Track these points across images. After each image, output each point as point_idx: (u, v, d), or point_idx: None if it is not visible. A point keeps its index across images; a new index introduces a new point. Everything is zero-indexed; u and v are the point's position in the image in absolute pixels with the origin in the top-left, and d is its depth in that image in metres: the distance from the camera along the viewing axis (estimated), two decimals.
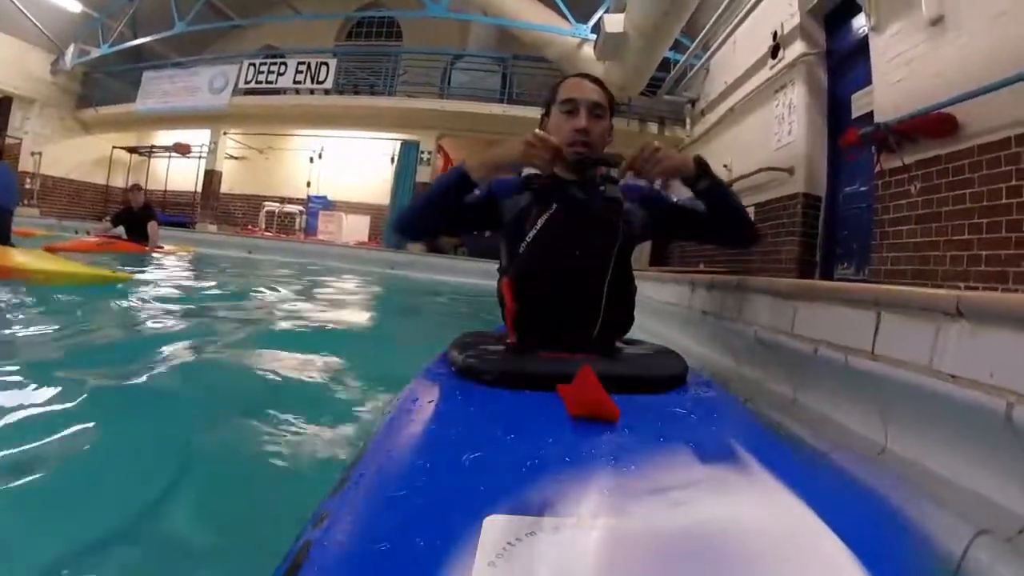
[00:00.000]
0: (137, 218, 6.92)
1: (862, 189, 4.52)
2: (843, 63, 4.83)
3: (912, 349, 1.32)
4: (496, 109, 10.42)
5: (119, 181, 14.35)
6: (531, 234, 1.41)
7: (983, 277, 2.94)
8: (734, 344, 2.15)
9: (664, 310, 2.84)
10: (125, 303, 3.37)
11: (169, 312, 3.27)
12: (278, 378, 2.13)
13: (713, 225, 1.56)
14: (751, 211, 5.55)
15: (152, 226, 7.05)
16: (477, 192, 1.48)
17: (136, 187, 7.26)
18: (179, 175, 13.95)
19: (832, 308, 1.56)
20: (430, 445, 0.86)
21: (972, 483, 1.19)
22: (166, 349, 2.30)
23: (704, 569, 0.53)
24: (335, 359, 2.42)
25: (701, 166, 1.48)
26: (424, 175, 11.20)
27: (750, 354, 2.01)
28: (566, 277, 1.40)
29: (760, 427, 1.08)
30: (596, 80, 1.53)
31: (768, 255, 5.43)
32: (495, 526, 0.57)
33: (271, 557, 0.64)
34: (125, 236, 6.85)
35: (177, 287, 4.57)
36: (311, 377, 2.20)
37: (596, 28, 8.40)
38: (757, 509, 0.65)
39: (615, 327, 1.48)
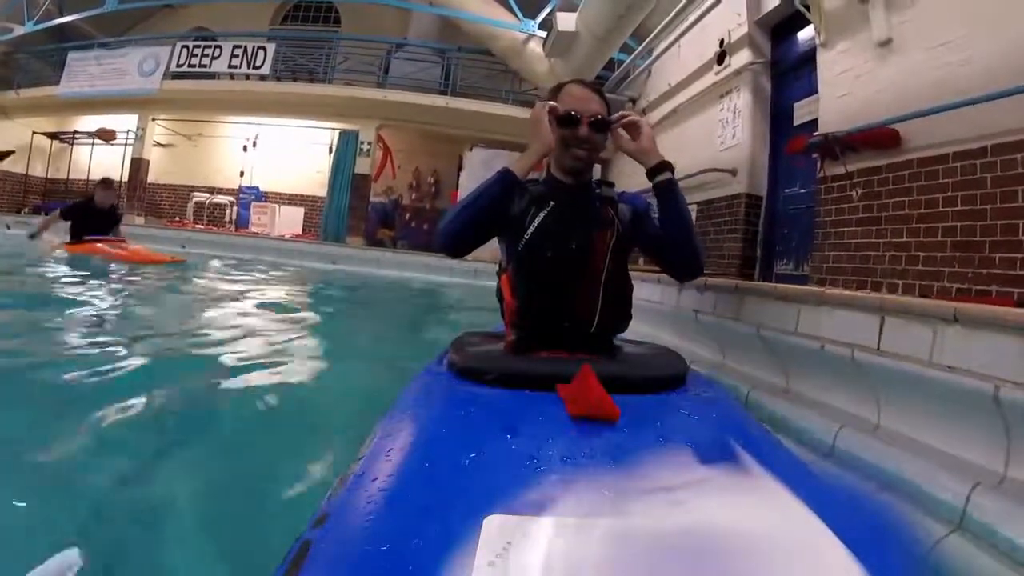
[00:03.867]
0: (100, 217, 5.91)
1: (802, 191, 4.87)
2: (787, 73, 5.17)
3: (914, 346, 1.55)
4: (439, 101, 10.31)
5: (39, 170, 13.14)
6: (529, 231, 1.42)
7: (920, 275, 3.28)
8: (731, 341, 2.35)
9: (648, 308, 3.01)
10: None
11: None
12: (260, 387, 2.09)
13: (668, 244, 1.55)
14: (694, 210, 5.82)
15: (123, 231, 6.38)
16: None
17: (108, 183, 6.06)
18: (103, 164, 12.71)
19: (837, 312, 1.76)
20: (430, 445, 0.86)
21: (960, 450, 1.46)
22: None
23: (703, 568, 0.54)
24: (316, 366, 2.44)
25: (667, 163, 1.51)
26: (363, 166, 10.93)
27: (749, 350, 2.21)
28: (564, 273, 1.40)
29: (760, 428, 1.10)
30: (596, 89, 1.54)
31: (711, 252, 5.73)
32: (495, 526, 0.57)
33: (271, 557, 0.66)
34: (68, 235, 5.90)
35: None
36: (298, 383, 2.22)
37: (544, 25, 8.54)
38: (756, 509, 0.66)
39: (612, 324, 1.51)
